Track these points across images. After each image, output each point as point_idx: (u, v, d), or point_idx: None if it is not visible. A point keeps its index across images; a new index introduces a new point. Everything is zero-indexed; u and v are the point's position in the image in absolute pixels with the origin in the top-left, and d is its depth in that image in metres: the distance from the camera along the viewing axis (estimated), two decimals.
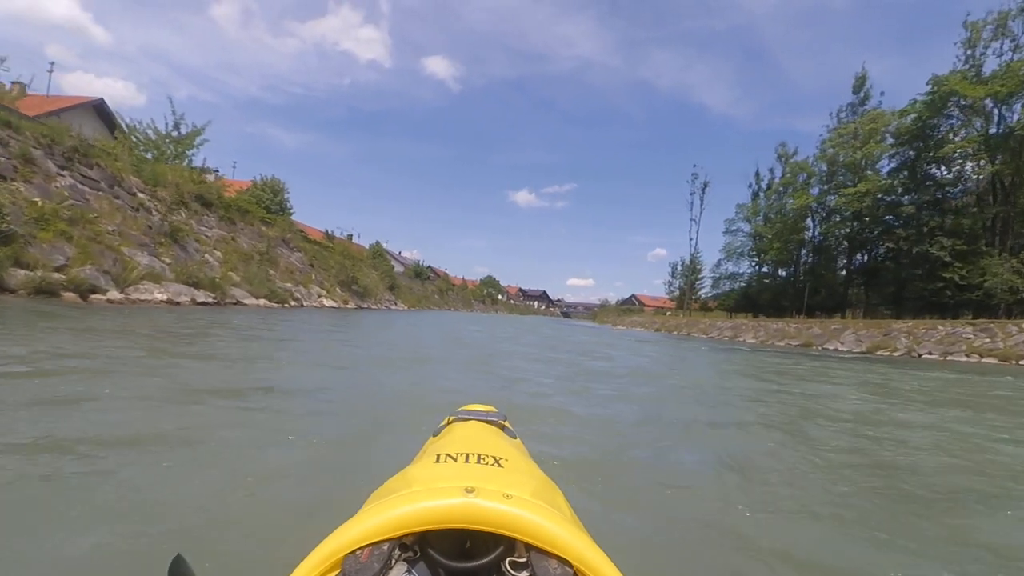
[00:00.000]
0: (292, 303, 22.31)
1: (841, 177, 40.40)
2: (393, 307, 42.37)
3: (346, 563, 0.60)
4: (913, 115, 33.24)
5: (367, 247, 61.93)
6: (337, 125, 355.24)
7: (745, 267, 53.94)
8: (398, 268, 73.55)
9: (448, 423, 1.29)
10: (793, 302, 42.23)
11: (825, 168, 41.78)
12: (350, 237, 74.33)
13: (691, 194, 58.83)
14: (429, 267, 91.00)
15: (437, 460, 0.82)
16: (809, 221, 43.41)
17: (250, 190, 35.16)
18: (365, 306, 33.61)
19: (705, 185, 58.19)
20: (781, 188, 45.51)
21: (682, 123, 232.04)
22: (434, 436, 1.27)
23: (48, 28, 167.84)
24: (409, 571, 0.62)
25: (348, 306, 29.74)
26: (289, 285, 23.80)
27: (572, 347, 15.60)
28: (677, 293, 74.55)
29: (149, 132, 24.73)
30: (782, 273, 51.94)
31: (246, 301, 18.20)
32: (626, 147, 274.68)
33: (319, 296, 26.79)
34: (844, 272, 40.49)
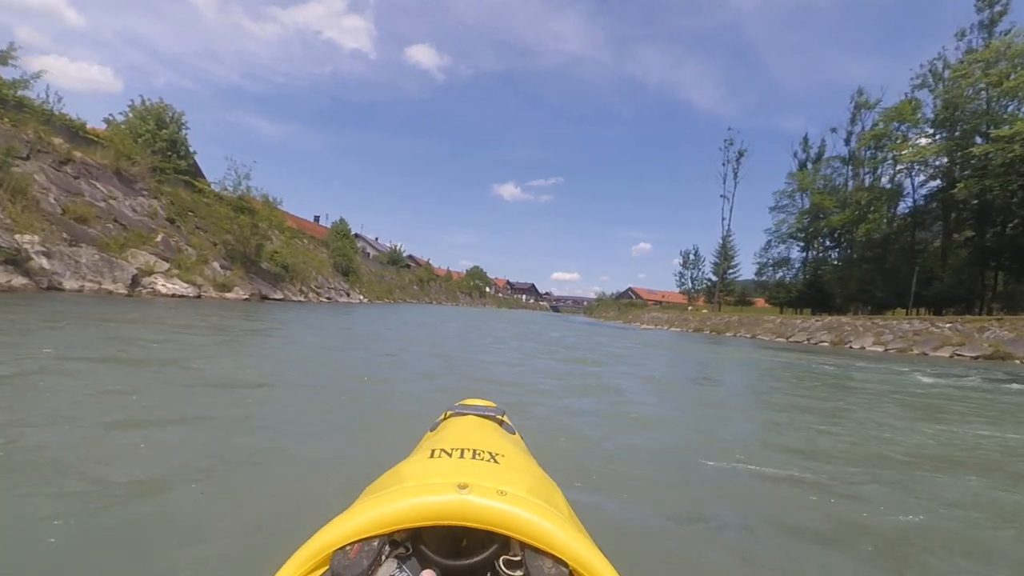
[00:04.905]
0: None
1: (947, 128, 27.88)
2: (344, 299, 28.61)
3: (334, 559, 0.56)
4: None
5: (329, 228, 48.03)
6: (320, 116, 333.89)
7: (796, 252, 41.08)
8: (372, 254, 59.56)
9: (445, 418, 1.19)
10: (890, 294, 29.33)
11: (931, 114, 29.05)
12: (317, 219, 60.20)
13: (723, 164, 45.68)
14: (409, 256, 76.74)
15: (431, 455, 0.75)
16: (909, 184, 30.55)
17: (126, 120, 21.54)
18: (278, 297, 19.73)
19: (740, 154, 45.17)
20: (870, 143, 32.37)
21: (669, 120, 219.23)
22: (431, 431, 1.16)
23: (19, 9, 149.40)
24: (400, 568, 0.58)
25: (231, 295, 15.90)
26: (32, 240, 10.04)
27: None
28: (689, 285, 61.83)
29: None
30: (832, 257, 39.60)
31: None
32: (612, 143, 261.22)
33: (150, 275, 13.00)
34: (971, 250, 27.49)
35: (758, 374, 9.60)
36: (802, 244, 41.48)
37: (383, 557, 0.57)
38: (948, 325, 20.51)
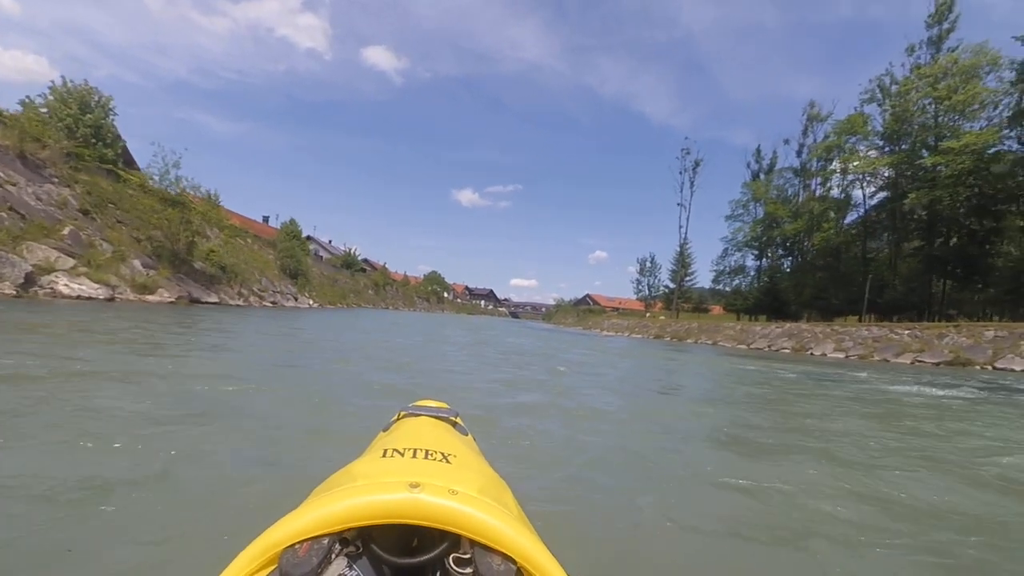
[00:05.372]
0: None
1: (895, 141, 28.95)
2: (291, 303, 26.61)
3: (283, 557, 0.55)
4: None
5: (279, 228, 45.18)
6: (275, 115, 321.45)
7: (751, 260, 41.84)
8: (325, 257, 56.87)
9: (399, 418, 1.18)
10: (846, 301, 29.94)
11: (879, 127, 30.01)
12: (266, 220, 56.94)
13: (680, 173, 46.20)
14: (365, 259, 74.00)
15: (384, 455, 0.74)
16: (859, 194, 31.44)
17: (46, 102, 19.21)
18: (212, 300, 17.79)
19: (697, 163, 45.80)
20: (821, 154, 33.20)
21: (624, 129, 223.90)
22: (384, 431, 1.15)
23: None
24: (350, 566, 0.57)
25: (153, 298, 14.01)
26: None
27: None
28: (646, 292, 62.38)
29: None
30: (785, 265, 40.62)
31: None
32: (570, 150, 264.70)
33: (50, 273, 11.10)
34: (920, 259, 28.35)
35: (730, 382, 8.86)
36: (756, 252, 42.42)
37: (333, 555, 0.56)
38: (907, 332, 20.78)
